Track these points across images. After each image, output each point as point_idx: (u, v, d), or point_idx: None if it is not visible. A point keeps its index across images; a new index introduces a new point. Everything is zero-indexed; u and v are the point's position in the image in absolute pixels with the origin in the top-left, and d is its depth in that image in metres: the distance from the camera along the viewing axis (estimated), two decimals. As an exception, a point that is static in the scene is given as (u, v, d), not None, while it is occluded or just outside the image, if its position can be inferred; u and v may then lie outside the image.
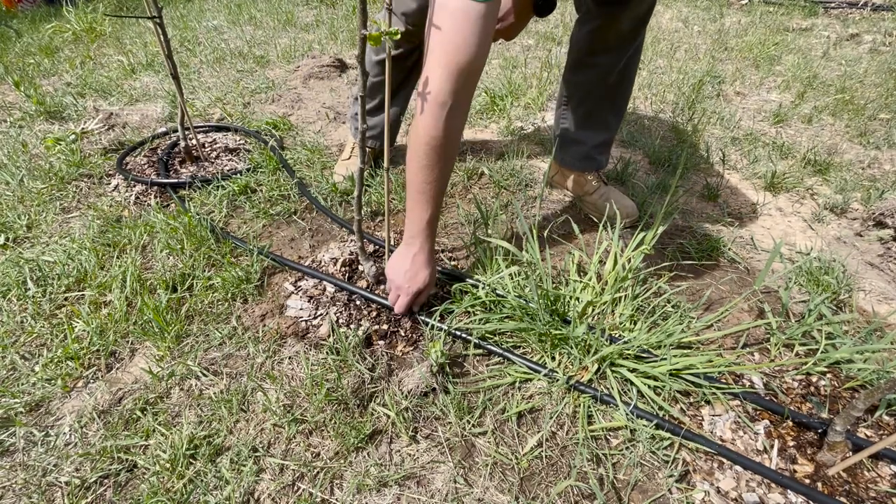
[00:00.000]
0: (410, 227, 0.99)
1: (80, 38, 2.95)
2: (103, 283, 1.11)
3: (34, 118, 1.93)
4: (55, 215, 1.37)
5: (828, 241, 1.41)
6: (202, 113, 2.03)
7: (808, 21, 3.80)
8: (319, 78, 2.46)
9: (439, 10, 0.79)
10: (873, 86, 2.50)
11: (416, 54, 1.34)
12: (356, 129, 1.49)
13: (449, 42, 0.79)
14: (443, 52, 0.80)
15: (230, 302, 1.10)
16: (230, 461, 0.79)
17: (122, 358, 0.98)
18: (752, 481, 0.79)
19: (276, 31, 3.20)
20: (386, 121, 0.90)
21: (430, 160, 0.90)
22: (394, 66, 1.22)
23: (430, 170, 0.91)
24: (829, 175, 1.71)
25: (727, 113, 2.17)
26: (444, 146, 0.88)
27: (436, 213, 0.97)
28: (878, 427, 0.88)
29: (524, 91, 2.28)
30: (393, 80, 1.23)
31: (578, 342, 0.94)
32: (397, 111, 1.52)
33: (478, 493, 0.77)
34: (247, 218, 1.40)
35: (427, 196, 0.94)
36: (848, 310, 1.14)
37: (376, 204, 1.46)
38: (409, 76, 1.42)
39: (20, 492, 0.75)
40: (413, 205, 0.97)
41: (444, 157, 0.90)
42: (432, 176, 0.92)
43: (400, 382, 0.92)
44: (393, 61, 1.23)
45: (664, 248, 1.32)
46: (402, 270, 0.99)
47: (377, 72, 1.37)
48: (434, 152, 0.88)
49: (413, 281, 0.99)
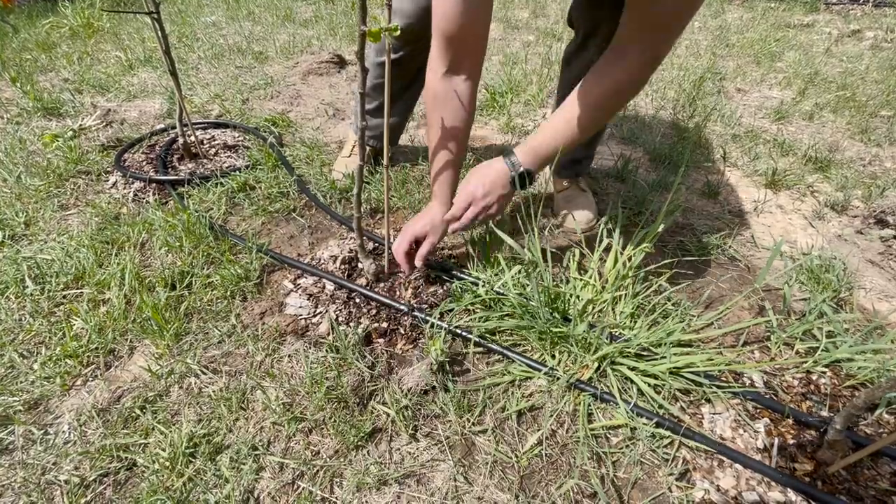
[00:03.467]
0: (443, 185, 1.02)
1: (78, 33, 2.93)
2: (102, 281, 1.11)
3: (31, 115, 1.92)
4: (53, 212, 1.36)
5: (828, 239, 1.41)
6: (201, 109, 2.02)
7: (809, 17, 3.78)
8: (318, 74, 2.44)
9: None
10: (875, 82, 2.49)
11: (420, 59, 1.32)
12: (357, 127, 1.48)
13: (437, 13, 0.86)
14: (434, 22, 0.88)
15: (229, 300, 1.10)
16: (230, 459, 0.79)
17: (121, 356, 0.98)
18: (752, 479, 0.79)
19: (274, 27, 3.19)
20: (386, 118, 0.89)
21: (431, 117, 0.98)
22: (396, 70, 1.24)
23: (429, 127, 0.99)
24: (830, 172, 1.71)
25: (728, 110, 2.16)
26: (438, 102, 0.95)
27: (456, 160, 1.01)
28: (879, 425, 0.88)
29: (524, 87, 2.27)
30: (395, 85, 1.27)
31: (579, 340, 0.94)
32: (398, 120, 1.50)
33: (478, 491, 0.77)
34: (246, 215, 1.40)
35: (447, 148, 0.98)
36: (848, 308, 1.14)
37: (376, 201, 1.46)
38: (413, 83, 1.40)
39: (19, 490, 0.75)
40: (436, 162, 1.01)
41: (438, 112, 0.96)
42: (433, 134, 0.98)
43: (400, 380, 0.91)
44: (395, 65, 1.22)
45: (665, 246, 1.32)
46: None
47: (379, 73, 1.35)
48: (431, 108, 0.97)
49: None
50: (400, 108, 1.46)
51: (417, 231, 1.02)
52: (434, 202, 1.05)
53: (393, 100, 1.24)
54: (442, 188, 1.03)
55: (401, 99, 1.44)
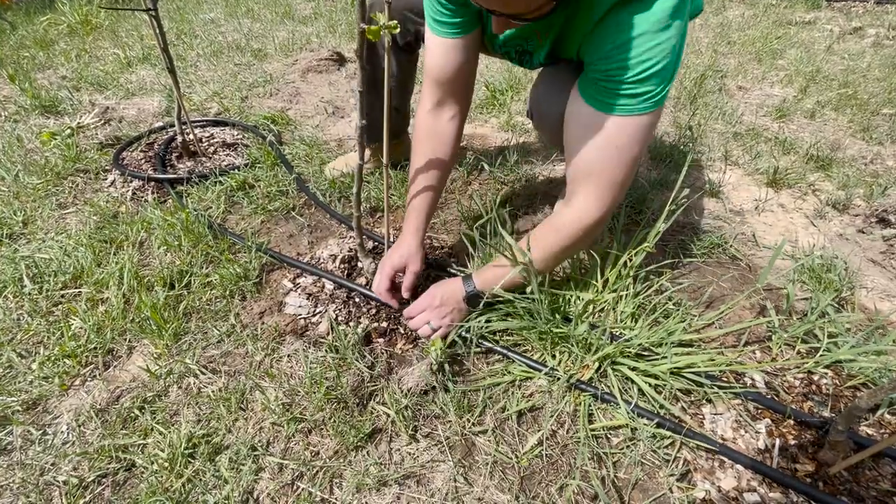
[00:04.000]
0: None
1: (76, 30, 2.92)
2: (100, 280, 1.10)
3: (29, 112, 1.91)
4: (51, 211, 1.36)
5: (830, 238, 1.40)
6: (199, 107, 2.01)
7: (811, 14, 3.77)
8: (318, 72, 2.43)
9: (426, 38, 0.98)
10: (876, 80, 2.48)
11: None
12: (358, 126, 1.46)
13: (427, 55, 0.99)
14: (425, 62, 1.00)
15: (228, 299, 1.09)
16: (229, 460, 0.79)
17: (120, 356, 0.97)
18: (753, 480, 0.78)
19: (273, 24, 3.17)
20: (386, 117, 0.88)
21: (415, 148, 1.05)
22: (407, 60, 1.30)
23: (412, 158, 1.06)
24: (832, 171, 1.70)
25: (729, 108, 2.15)
26: (422, 136, 1.04)
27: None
28: (880, 426, 0.87)
29: (524, 85, 2.26)
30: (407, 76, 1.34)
31: (580, 341, 0.93)
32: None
33: (478, 492, 0.77)
34: (245, 214, 1.39)
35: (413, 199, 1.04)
36: (850, 307, 1.13)
37: (375, 200, 1.45)
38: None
39: (18, 491, 0.75)
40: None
41: (422, 145, 1.04)
42: (414, 164, 1.04)
43: (400, 380, 0.91)
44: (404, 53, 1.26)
45: (665, 245, 1.31)
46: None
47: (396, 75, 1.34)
48: (415, 140, 1.05)
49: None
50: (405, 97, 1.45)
51: (395, 263, 1.01)
52: (405, 233, 1.03)
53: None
54: (413, 218, 1.03)
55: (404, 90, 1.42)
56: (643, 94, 0.75)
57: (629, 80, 0.74)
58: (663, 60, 0.72)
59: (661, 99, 0.77)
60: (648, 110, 0.77)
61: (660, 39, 0.70)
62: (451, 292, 0.97)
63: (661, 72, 0.73)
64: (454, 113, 1.03)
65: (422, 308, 0.98)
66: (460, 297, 0.96)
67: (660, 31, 0.70)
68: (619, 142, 0.80)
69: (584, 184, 0.85)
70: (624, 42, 0.72)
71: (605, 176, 0.83)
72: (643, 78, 0.73)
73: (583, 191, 0.86)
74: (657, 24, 0.69)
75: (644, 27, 0.70)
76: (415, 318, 0.98)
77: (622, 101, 0.76)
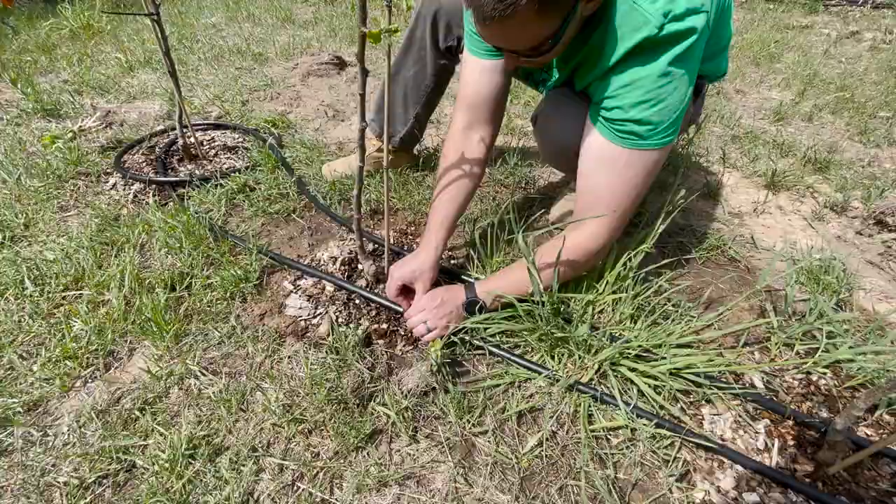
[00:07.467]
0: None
1: (78, 35, 2.94)
2: (101, 282, 1.11)
3: (31, 116, 1.92)
4: (53, 214, 1.36)
5: (828, 240, 1.41)
6: (200, 111, 2.02)
7: (808, 18, 3.80)
8: (318, 76, 2.44)
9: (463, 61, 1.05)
10: (873, 84, 2.50)
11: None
12: (373, 124, 1.47)
13: (462, 80, 1.04)
14: (460, 86, 1.05)
15: (229, 301, 1.09)
16: (229, 461, 0.79)
17: (121, 357, 0.98)
18: (753, 480, 0.79)
19: (274, 28, 3.19)
20: (385, 116, 0.89)
21: (443, 162, 1.07)
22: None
23: (440, 172, 1.07)
24: (830, 173, 1.71)
25: (727, 111, 2.16)
26: (452, 152, 1.05)
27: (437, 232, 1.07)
28: (879, 426, 0.87)
29: (524, 88, 2.27)
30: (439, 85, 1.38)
31: (579, 342, 0.93)
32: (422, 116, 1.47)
33: (478, 492, 0.77)
34: (245, 216, 1.39)
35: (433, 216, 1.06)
36: (848, 308, 1.14)
37: (376, 202, 1.46)
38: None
39: (18, 492, 0.75)
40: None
41: (450, 159, 1.05)
42: (441, 181, 1.06)
43: (400, 382, 0.91)
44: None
45: (664, 247, 1.32)
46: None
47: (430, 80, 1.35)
48: (445, 154, 1.07)
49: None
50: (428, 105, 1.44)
51: (406, 277, 1.02)
52: (424, 247, 1.04)
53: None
54: (433, 234, 1.04)
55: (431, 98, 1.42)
56: (649, 129, 0.83)
57: (633, 117, 0.82)
58: (667, 99, 0.80)
59: (668, 138, 0.85)
60: (656, 147, 0.85)
61: (662, 83, 0.79)
62: (453, 296, 0.98)
63: (664, 110, 0.81)
64: (484, 135, 1.06)
65: (422, 308, 0.99)
66: (460, 303, 0.98)
67: (662, 76, 0.79)
68: (627, 174, 0.88)
69: (593, 211, 0.92)
70: (630, 83, 0.81)
71: (614, 205, 0.91)
72: (648, 114, 0.81)
73: (592, 218, 0.92)
74: (660, 69, 0.79)
75: (649, 71, 0.79)
76: (413, 318, 0.99)
77: (630, 136, 0.84)
